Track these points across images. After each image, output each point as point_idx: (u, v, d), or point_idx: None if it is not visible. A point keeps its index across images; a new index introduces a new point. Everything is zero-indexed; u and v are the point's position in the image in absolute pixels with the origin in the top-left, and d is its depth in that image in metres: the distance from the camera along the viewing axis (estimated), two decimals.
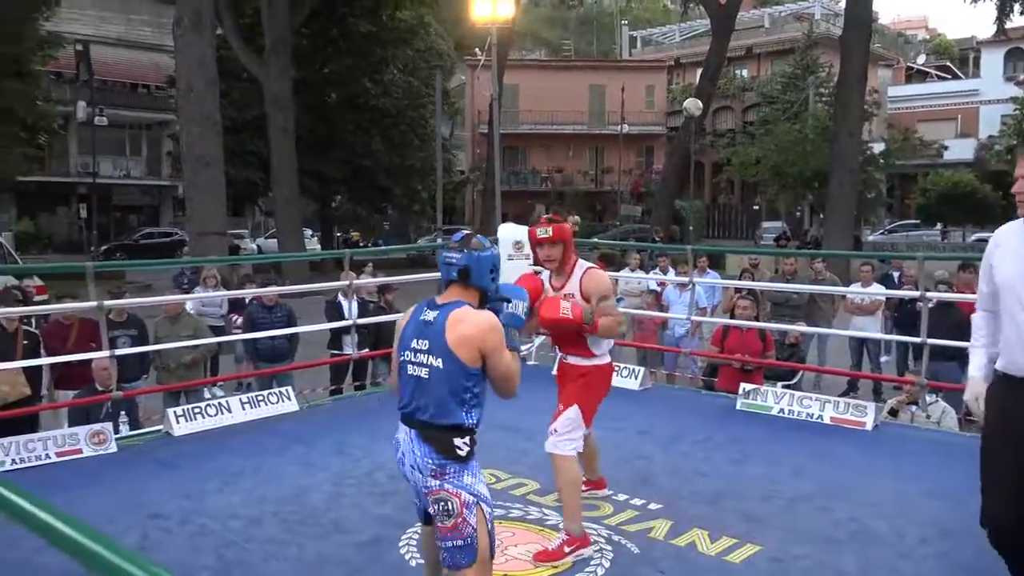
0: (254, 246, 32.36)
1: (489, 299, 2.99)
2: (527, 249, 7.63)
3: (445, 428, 2.79)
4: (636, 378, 6.95)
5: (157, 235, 31.59)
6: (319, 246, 31.22)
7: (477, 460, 2.88)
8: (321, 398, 7.14)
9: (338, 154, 26.99)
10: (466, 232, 3.12)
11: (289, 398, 6.26)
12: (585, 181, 41.71)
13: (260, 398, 6.14)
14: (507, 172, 37.38)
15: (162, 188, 37.00)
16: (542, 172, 41.40)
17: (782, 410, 6.07)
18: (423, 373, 2.81)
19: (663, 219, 27.20)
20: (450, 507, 2.78)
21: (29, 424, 5.98)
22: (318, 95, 27.16)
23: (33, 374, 6.16)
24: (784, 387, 6.81)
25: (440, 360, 2.77)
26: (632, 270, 10.41)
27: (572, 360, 4.09)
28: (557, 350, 4.31)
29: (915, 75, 46.38)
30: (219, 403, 5.96)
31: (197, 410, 5.80)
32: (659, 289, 9.85)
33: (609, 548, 3.87)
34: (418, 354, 2.83)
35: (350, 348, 7.43)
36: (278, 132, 21.21)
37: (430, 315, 2.85)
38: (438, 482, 2.80)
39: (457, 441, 2.79)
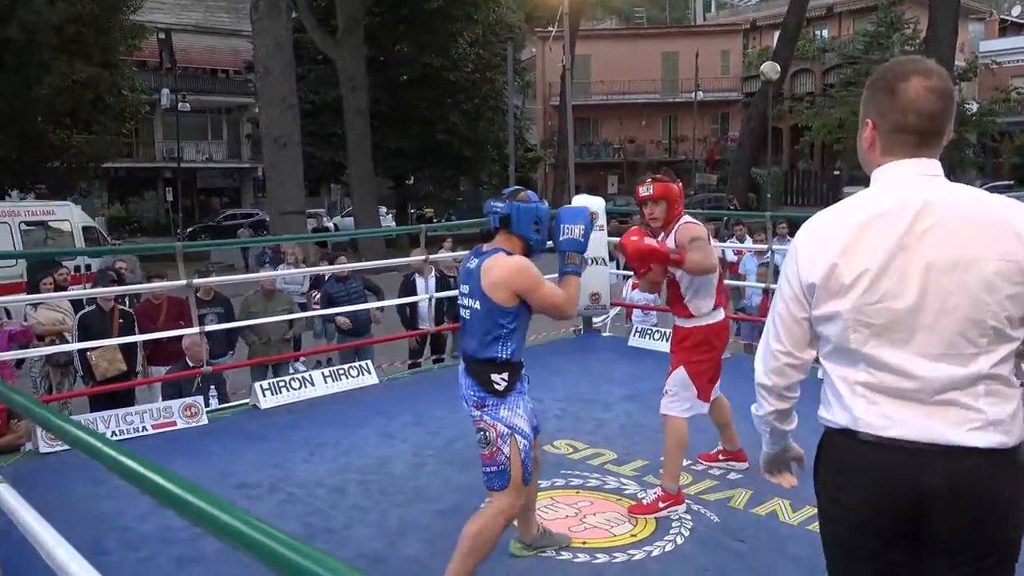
0: (331, 224, 32.98)
1: (533, 249, 3.14)
2: (601, 220, 7.64)
3: (483, 362, 3.03)
4: None
5: (239, 216, 32.51)
6: (394, 223, 31.59)
7: (521, 396, 3.09)
8: (400, 371, 7.26)
9: (414, 130, 27.19)
10: (517, 187, 3.26)
11: (369, 371, 6.38)
12: (658, 151, 41.04)
13: (341, 372, 6.26)
14: (579, 144, 37.04)
15: (243, 170, 38.00)
16: (614, 143, 40.90)
17: None
18: (466, 314, 3.08)
19: (739, 187, 26.66)
20: (488, 436, 3.03)
21: (126, 398, 6.28)
22: (391, 73, 27.36)
23: (128, 351, 6.45)
24: None
25: (477, 302, 3.02)
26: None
27: (678, 322, 4.13)
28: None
29: (1009, 28, 43.94)
30: (303, 377, 6.11)
31: (282, 384, 5.95)
32: (736, 258, 9.66)
33: (688, 517, 3.86)
34: (464, 297, 3.09)
35: (427, 323, 7.52)
36: (353, 112, 21.48)
37: (473, 263, 3.07)
38: (479, 412, 3.06)
39: (495, 376, 3.02)
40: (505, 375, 3.03)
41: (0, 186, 20.05)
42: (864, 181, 1.86)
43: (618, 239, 4.09)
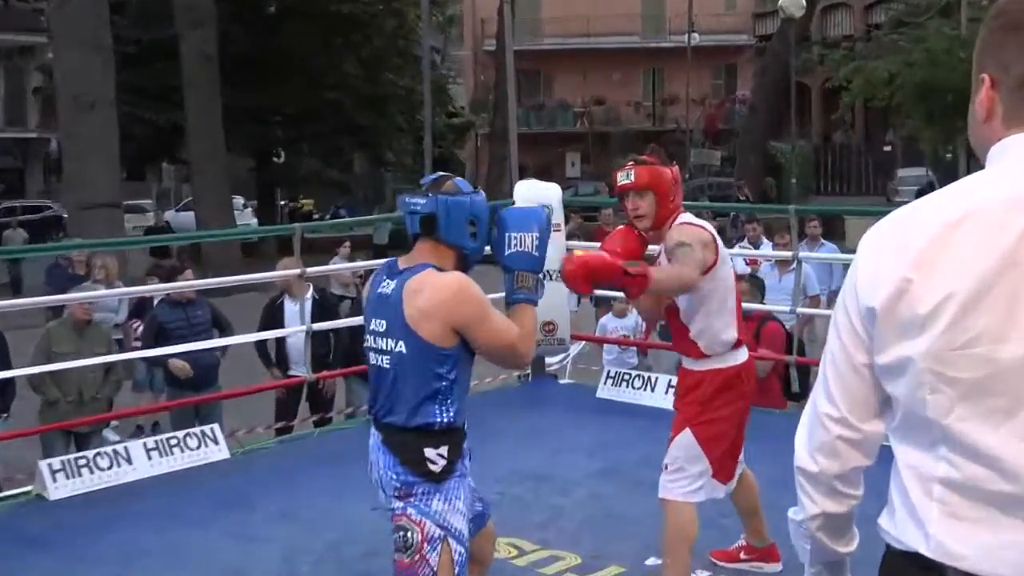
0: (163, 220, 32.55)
1: (470, 261, 3.18)
2: (558, 215, 7.64)
3: (413, 432, 3.05)
4: None
5: (20, 210, 31.77)
6: (255, 220, 31.28)
7: (462, 481, 3.13)
8: (263, 440, 7.16)
9: (287, 86, 27.01)
10: (442, 174, 3.29)
11: (216, 441, 6.29)
12: (639, 117, 41.70)
13: (174, 442, 6.16)
14: (525, 107, 37.36)
15: (27, 143, 37.37)
16: (575, 106, 41.48)
17: None
18: (384, 361, 3.09)
19: (752, 169, 27.18)
20: (409, 539, 3.05)
21: None
22: (253, 3, 27.23)
23: None
24: None
25: (401, 343, 3.02)
26: None
27: (686, 364, 4.20)
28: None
29: None
30: (115, 451, 5.99)
31: (83, 462, 5.82)
32: (748, 269, 9.76)
33: None
34: (377, 338, 3.10)
35: (301, 368, 7.42)
36: (194, 58, 21.30)
37: (387, 285, 3.09)
38: (402, 504, 3.08)
39: (429, 451, 3.04)
40: (444, 449, 3.06)
41: None
42: (921, 161, 1.78)
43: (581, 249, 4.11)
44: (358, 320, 7.48)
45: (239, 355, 8.11)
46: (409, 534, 3.04)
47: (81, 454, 6.02)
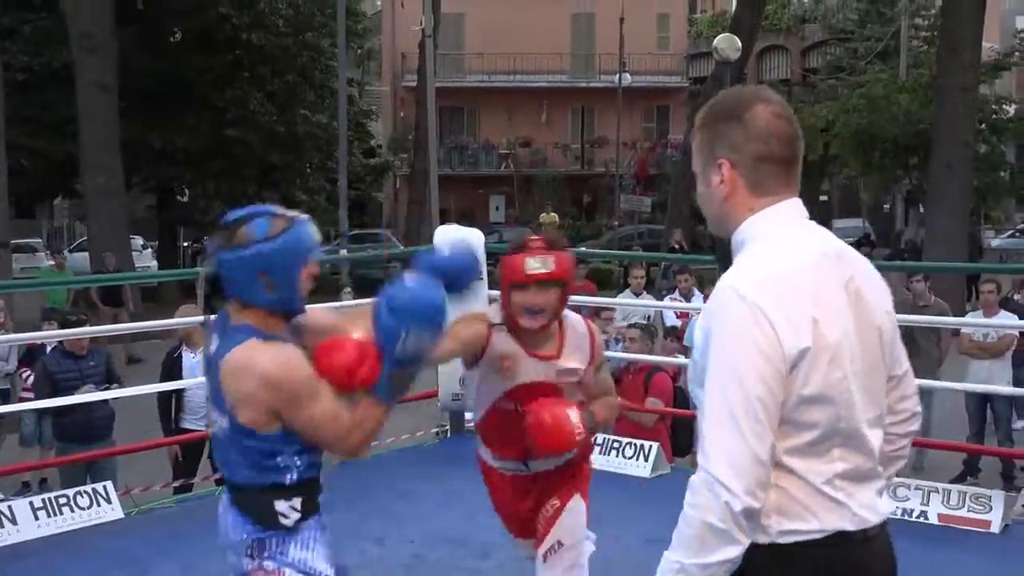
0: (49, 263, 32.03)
1: (290, 312, 2.94)
2: (481, 263, 7.68)
3: (261, 490, 2.91)
4: (647, 460, 6.97)
5: None
6: (155, 263, 30.87)
7: (320, 531, 3.00)
8: (160, 498, 7.07)
9: (189, 119, 26.83)
10: (238, 217, 2.93)
11: (109, 500, 6.20)
12: (566, 159, 42.00)
13: (63, 501, 6.06)
14: (447, 147, 37.51)
15: None
16: (500, 146, 41.68)
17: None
18: (215, 427, 2.96)
19: (684, 216, 27.44)
20: None
21: None
22: (155, 29, 27.12)
23: None
24: None
25: (225, 419, 2.87)
26: (637, 294, 10.49)
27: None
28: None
29: None
30: None
31: None
32: (679, 323, 9.91)
33: None
34: (208, 404, 3.00)
35: (200, 422, 7.38)
36: (91, 87, 21.06)
37: (212, 345, 2.92)
38: (255, 563, 2.94)
39: (280, 505, 2.91)
40: (297, 502, 2.93)
41: None
42: (858, 212, 2.10)
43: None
44: None
45: (136, 406, 8.02)
46: None
47: None
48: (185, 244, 33.45)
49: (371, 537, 5.77)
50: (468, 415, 8.18)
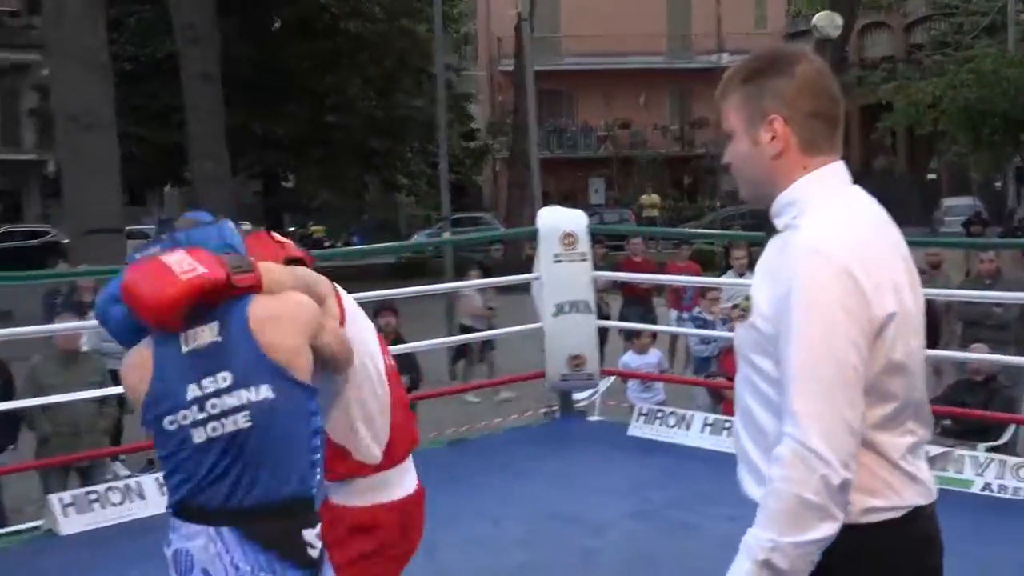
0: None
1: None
2: (582, 245, 7.73)
3: (285, 510, 2.63)
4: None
5: (19, 235, 32.01)
6: None
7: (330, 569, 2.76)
8: None
9: (291, 106, 27.17)
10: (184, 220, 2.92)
11: None
12: (666, 141, 41.68)
13: None
14: (546, 130, 37.38)
15: (23, 165, 37.57)
16: (598, 129, 41.54)
17: (987, 486, 6.03)
18: (242, 422, 2.62)
19: None
20: None
21: None
22: (255, 19, 27.47)
23: None
24: (989, 450, 6.75)
25: (265, 387, 2.62)
26: (740, 274, 10.41)
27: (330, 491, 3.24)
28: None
29: None
30: (126, 486, 6.03)
31: (93, 497, 5.86)
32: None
33: None
34: (214, 402, 2.63)
35: None
36: (195, 77, 21.35)
37: (205, 333, 2.67)
38: None
39: (307, 534, 2.64)
40: (318, 528, 2.69)
41: None
42: (969, 190, 2.07)
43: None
44: None
45: None
46: None
47: (91, 488, 6.07)
48: (291, 229, 33.94)
49: (486, 516, 5.85)
50: (579, 395, 8.25)
